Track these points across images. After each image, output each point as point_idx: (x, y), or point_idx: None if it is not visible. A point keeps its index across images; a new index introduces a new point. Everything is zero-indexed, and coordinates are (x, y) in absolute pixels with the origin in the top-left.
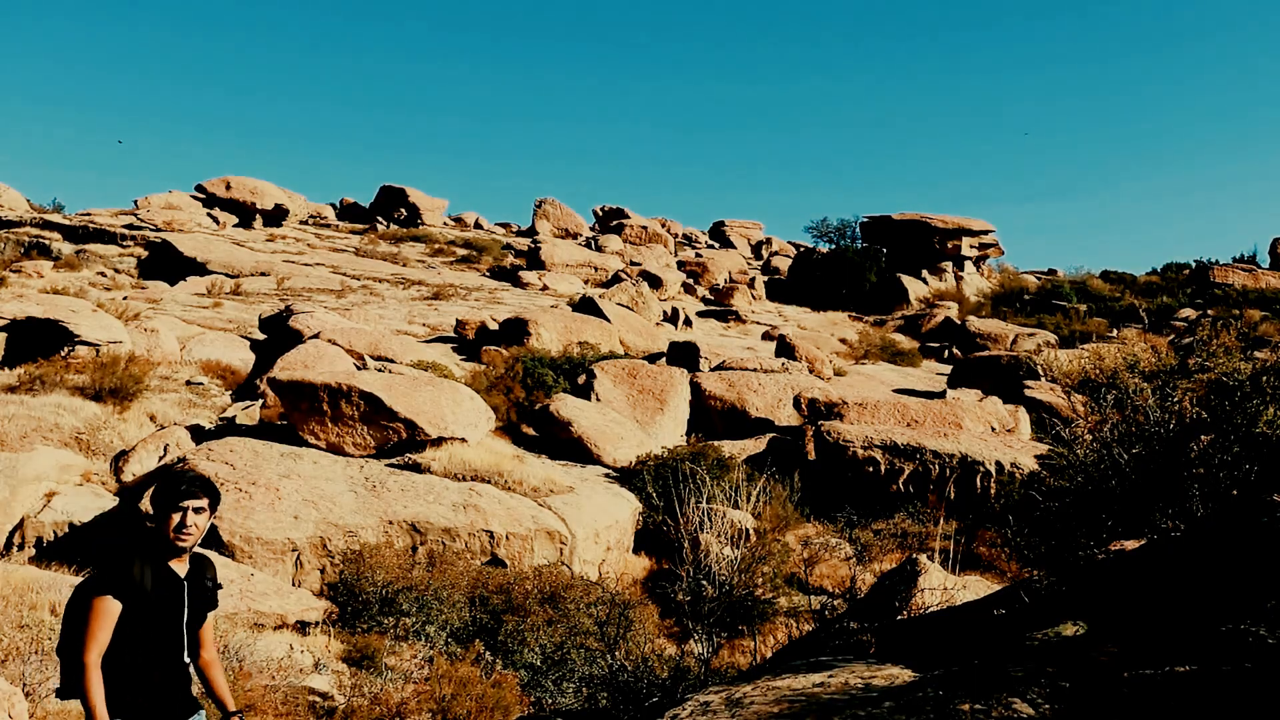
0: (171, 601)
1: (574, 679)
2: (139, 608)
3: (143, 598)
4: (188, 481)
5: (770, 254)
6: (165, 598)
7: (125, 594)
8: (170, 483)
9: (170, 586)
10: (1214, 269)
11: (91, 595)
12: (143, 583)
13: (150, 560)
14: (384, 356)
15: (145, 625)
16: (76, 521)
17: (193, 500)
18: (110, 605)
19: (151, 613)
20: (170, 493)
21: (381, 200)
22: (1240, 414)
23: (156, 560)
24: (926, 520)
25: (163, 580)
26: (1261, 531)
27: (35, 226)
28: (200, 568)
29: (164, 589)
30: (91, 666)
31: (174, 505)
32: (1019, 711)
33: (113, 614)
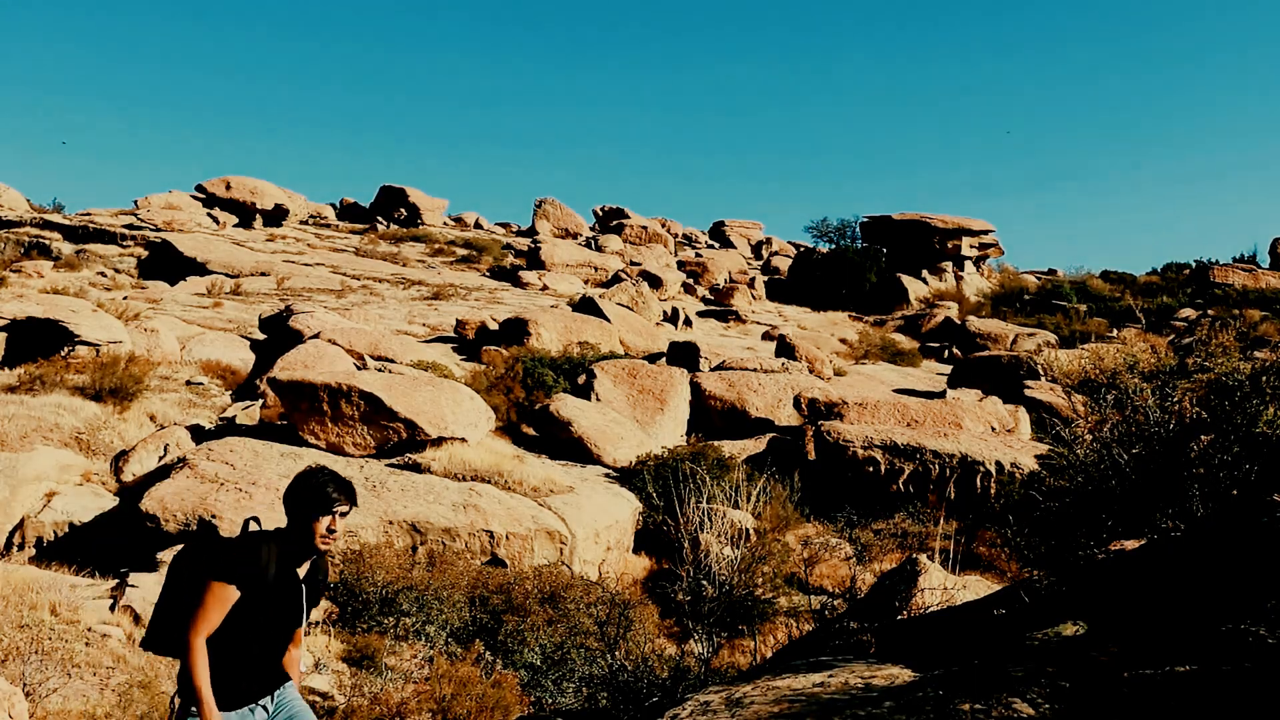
0: (288, 601)
1: (574, 679)
2: (256, 601)
3: (262, 593)
4: (339, 485)
5: (770, 254)
6: (283, 597)
7: (247, 585)
8: (318, 484)
9: (290, 587)
10: (1214, 269)
11: (212, 578)
12: (267, 578)
13: (280, 557)
14: (384, 356)
15: (256, 618)
16: (76, 521)
17: (342, 506)
18: (229, 593)
19: (266, 609)
20: (321, 496)
21: (381, 200)
22: (1240, 414)
23: (285, 558)
24: (926, 520)
25: (285, 579)
26: (1261, 531)
27: (35, 226)
28: (317, 567)
29: (284, 588)
30: (198, 649)
31: (326, 509)
32: (1019, 711)
33: (230, 601)
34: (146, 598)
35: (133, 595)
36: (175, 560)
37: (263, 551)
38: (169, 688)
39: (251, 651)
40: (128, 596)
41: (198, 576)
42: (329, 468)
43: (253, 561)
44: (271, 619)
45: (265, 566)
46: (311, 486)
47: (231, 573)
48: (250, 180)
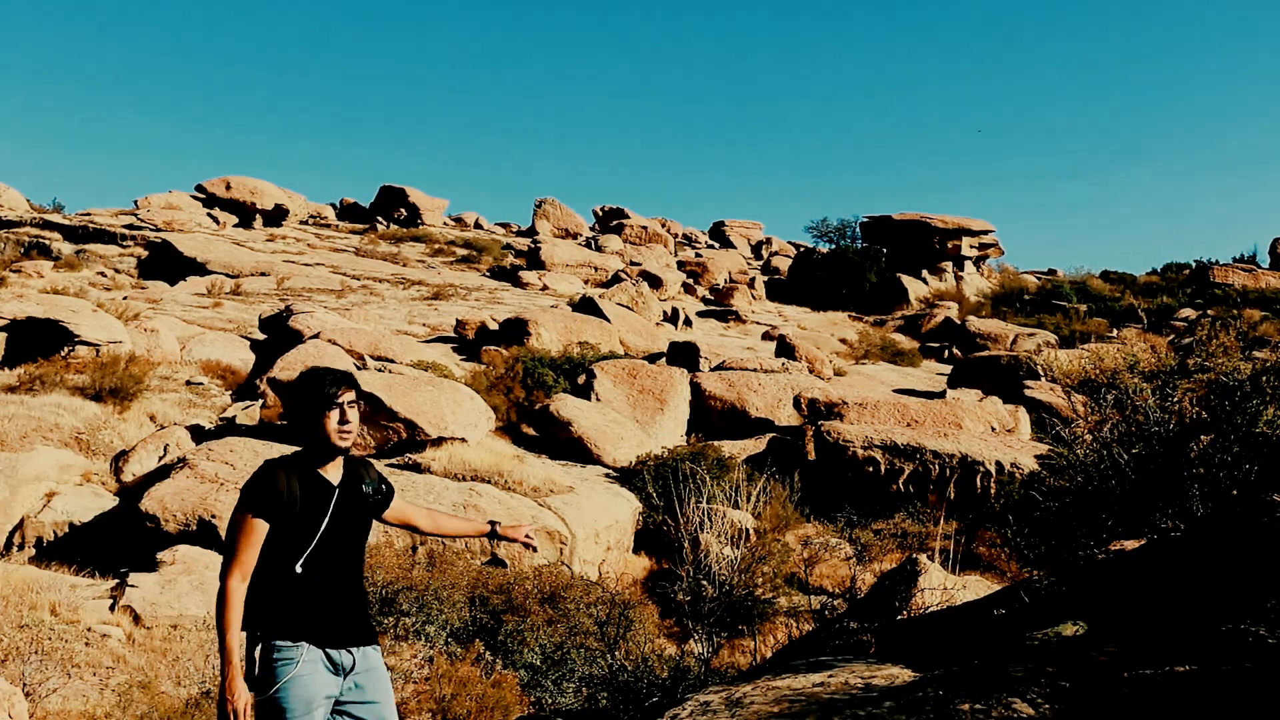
0: (334, 518)
1: (574, 679)
2: (293, 526)
3: (295, 516)
4: (335, 376)
5: (770, 254)
6: (318, 510)
7: (272, 513)
8: (313, 382)
9: (322, 496)
10: (1214, 269)
11: (235, 513)
12: (289, 496)
13: (298, 470)
14: (384, 356)
15: (302, 543)
16: (76, 521)
17: (346, 394)
18: (254, 526)
19: (309, 531)
20: (320, 391)
21: (381, 200)
22: (1240, 414)
23: (305, 469)
24: (926, 520)
25: (313, 490)
26: (1261, 531)
27: (35, 226)
28: (356, 471)
29: (319, 505)
30: (231, 590)
31: (330, 402)
32: (1019, 711)
33: (257, 534)
34: (146, 598)
35: (133, 595)
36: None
37: (278, 475)
38: (169, 688)
39: (332, 581)
40: (128, 596)
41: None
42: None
43: (268, 486)
44: (322, 541)
45: (285, 489)
46: (307, 388)
47: (249, 503)
48: (250, 180)
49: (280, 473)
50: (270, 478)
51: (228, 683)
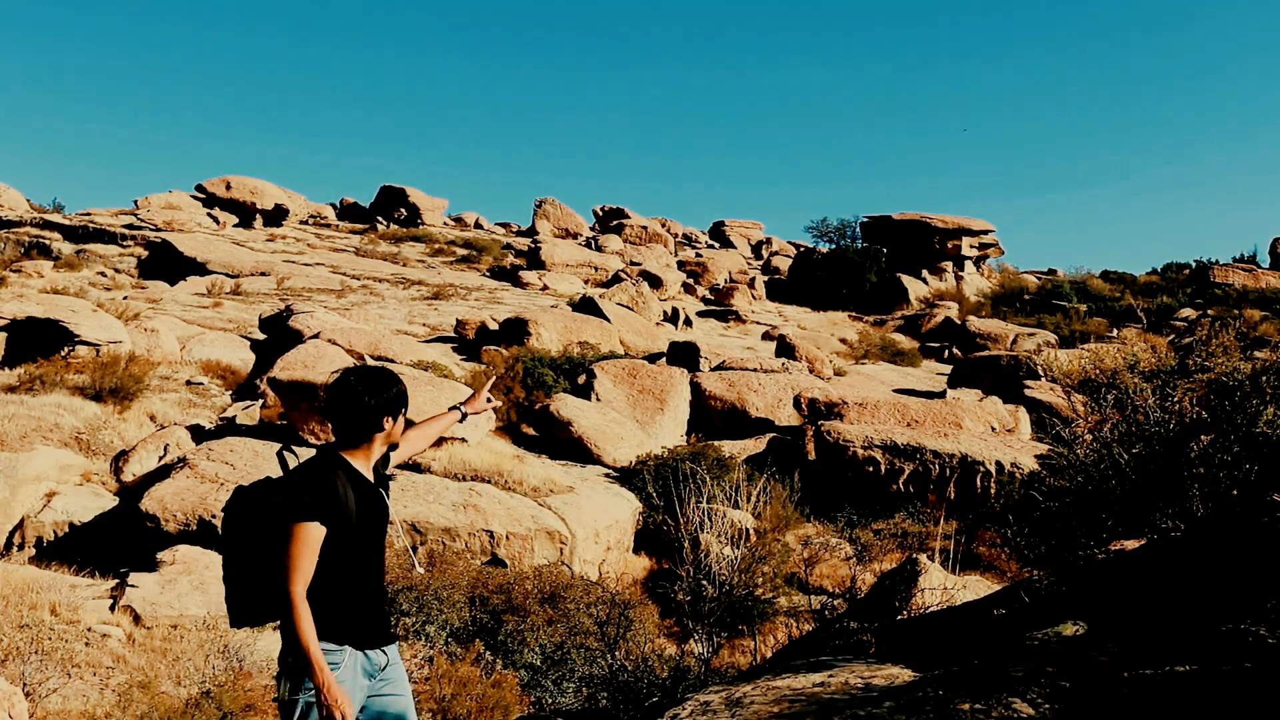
0: (375, 515)
1: (574, 679)
2: (344, 530)
3: (347, 518)
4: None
5: (770, 254)
6: (370, 513)
7: (333, 518)
8: (387, 381)
9: (372, 499)
10: (1214, 269)
11: (293, 520)
12: (347, 502)
13: (345, 471)
14: (384, 356)
15: (351, 547)
16: (76, 521)
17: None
18: (316, 533)
19: (356, 532)
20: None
21: (381, 200)
22: (1240, 414)
23: (350, 470)
24: (926, 520)
25: (364, 494)
26: (1261, 531)
27: (35, 226)
28: (380, 476)
29: (367, 504)
30: (299, 600)
31: (402, 404)
32: (1019, 711)
33: (318, 542)
34: (146, 597)
35: (133, 595)
36: (232, 516)
37: (337, 479)
38: (169, 687)
39: (368, 583)
40: (128, 596)
41: (275, 523)
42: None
43: (331, 491)
44: (366, 545)
45: (343, 493)
46: (380, 388)
47: (314, 509)
48: (250, 180)
49: (338, 475)
50: (331, 482)
51: (327, 689)
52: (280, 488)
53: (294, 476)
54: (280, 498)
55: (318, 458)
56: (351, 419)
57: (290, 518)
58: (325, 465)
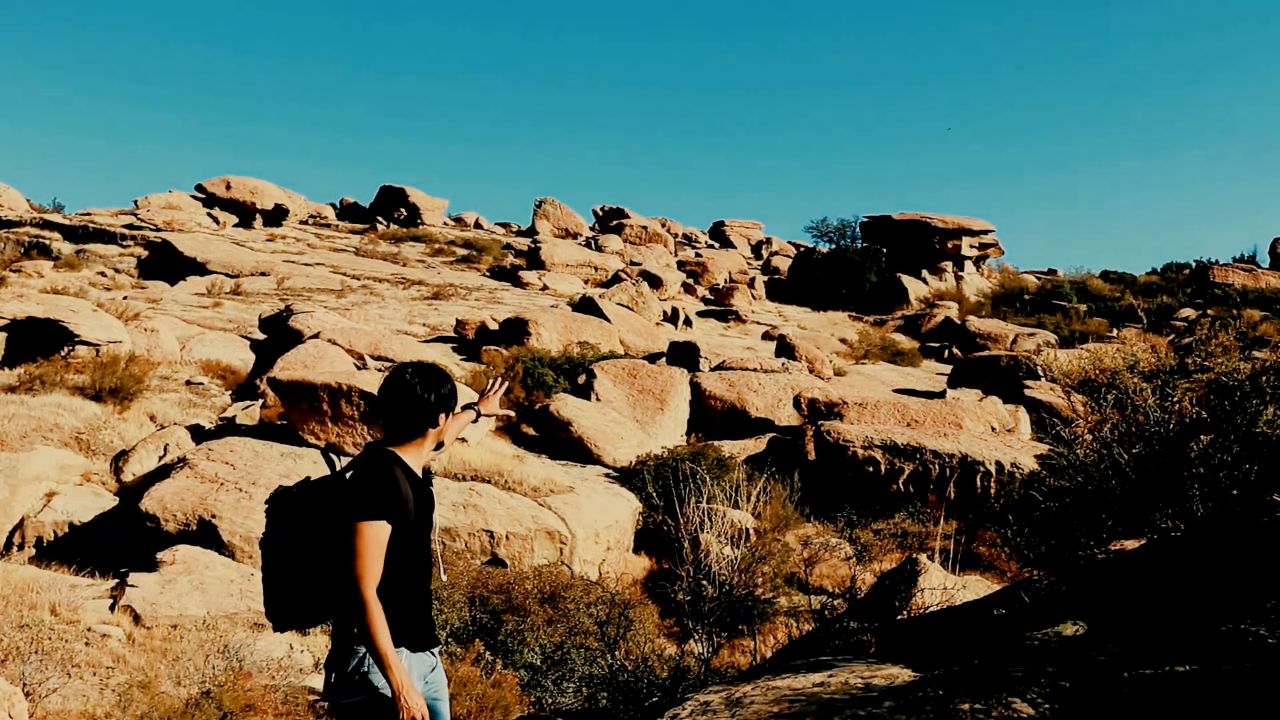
0: (427, 514)
1: (574, 679)
2: (404, 528)
3: (408, 516)
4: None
5: (770, 254)
6: (424, 511)
7: (395, 513)
8: (440, 378)
9: (425, 497)
10: (1214, 269)
11: (359, 518)
12: (406, 498)
13: (402, 467)
14: (384, 356)
15: (410, 546)
16: (76, 521)
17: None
18: (383, 531)
19: (414, 530)
20: (450, 389)
21: (381, 200)
22: (1240, 414)
23: (405, 467)
24: (926, 520)
25: (419, 492)
26: (1261, 531)
27: (35, 226)
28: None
29: (422, 501)
30: (373, 601)
31: (455, 400)
32: (1019, 711)
33: (385, 541)
34: (146, 597)
35: (133, 595)
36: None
37: (398, 475)
38: (169, 687)
39: (422, 584)
40: (128, 596)
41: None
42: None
43: (395, 487)
44: (421, 545)
45: (405, 490)
46: (433, 384)
47: (381, 507)
48: (250, 180)
49: (398, 471)
50: (394, 478)
51: (405, 693)
52: (329, 487)
53: (354, 474)
54: (339, 496)
55: (374, 455)
56: (408, 414)
57: (356, 516)
58: (385, 462)
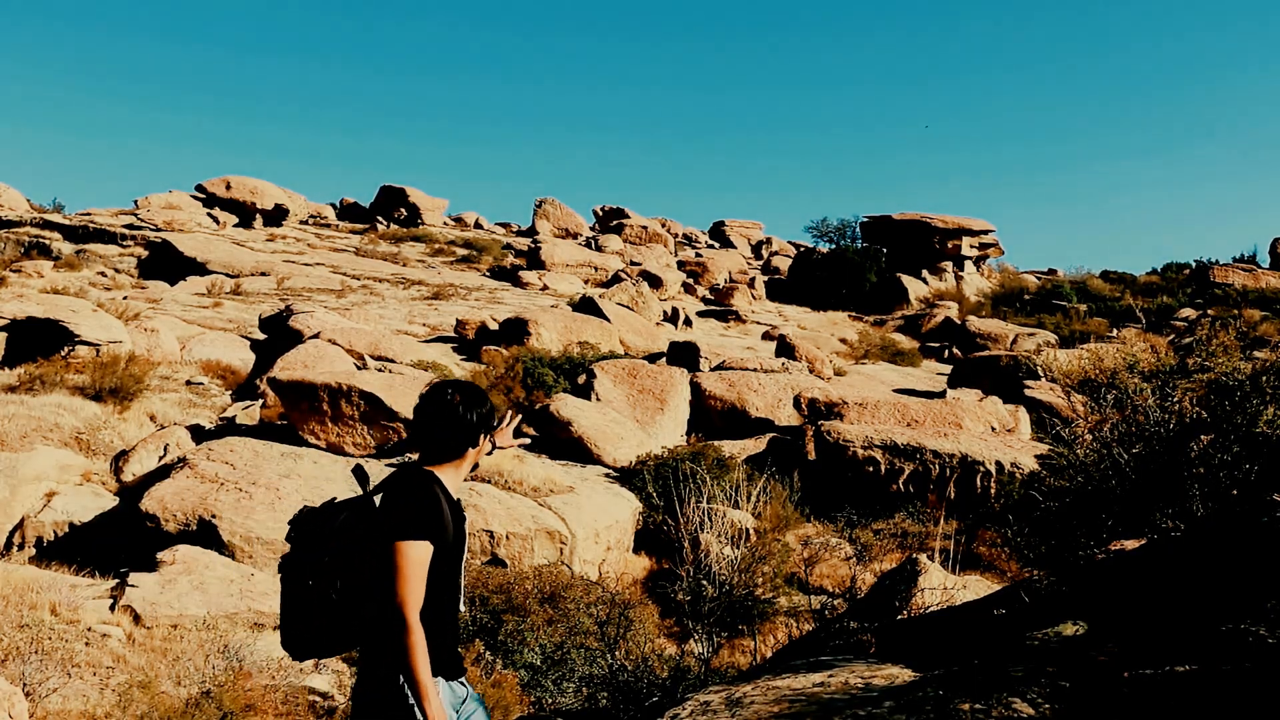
0: (463, 535)
1: (574, 679)
2: (443, 551)
3: (446, 537)
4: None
5: (770, 254)
6: (460, 533)
7: (438, 535)
8: (481, 398)
9: (461, 519)
10: (1214, 269)
11: (400, 538)
12: (447, 520)
13: (441, 489)
14: (384, 356)
15: (447, 570)
16: (76, 521)
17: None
18: (426, 552)
19: (451, 553)
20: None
21: (381, 200)
22: (1240, 414)
23: (445, 489)
24: (926, 520)
25: (456, 514)
26: (1261, 531)
27: (35, 226)
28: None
29: (459, 523)
30: (417, 625)
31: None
32: (1019, 711)
33: (428, 562)
34: (146, 597)
35: (133, 595)
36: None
37: (440, 496)
38: (169, 687)
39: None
40: (128, 596)
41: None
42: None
43: (438, 508)
44: (456, 570)
45: (446, 511)
46: (475, 405)
47: (423, 527)
48: (250, 180)
49: (438, 491)
50: (437, 498)
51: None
52: (358, 506)
53: (394, 493)
54: (374, 516)
55: (413, 474)
56: (449, 434)
57: (399, 535)
58: (425, 481)
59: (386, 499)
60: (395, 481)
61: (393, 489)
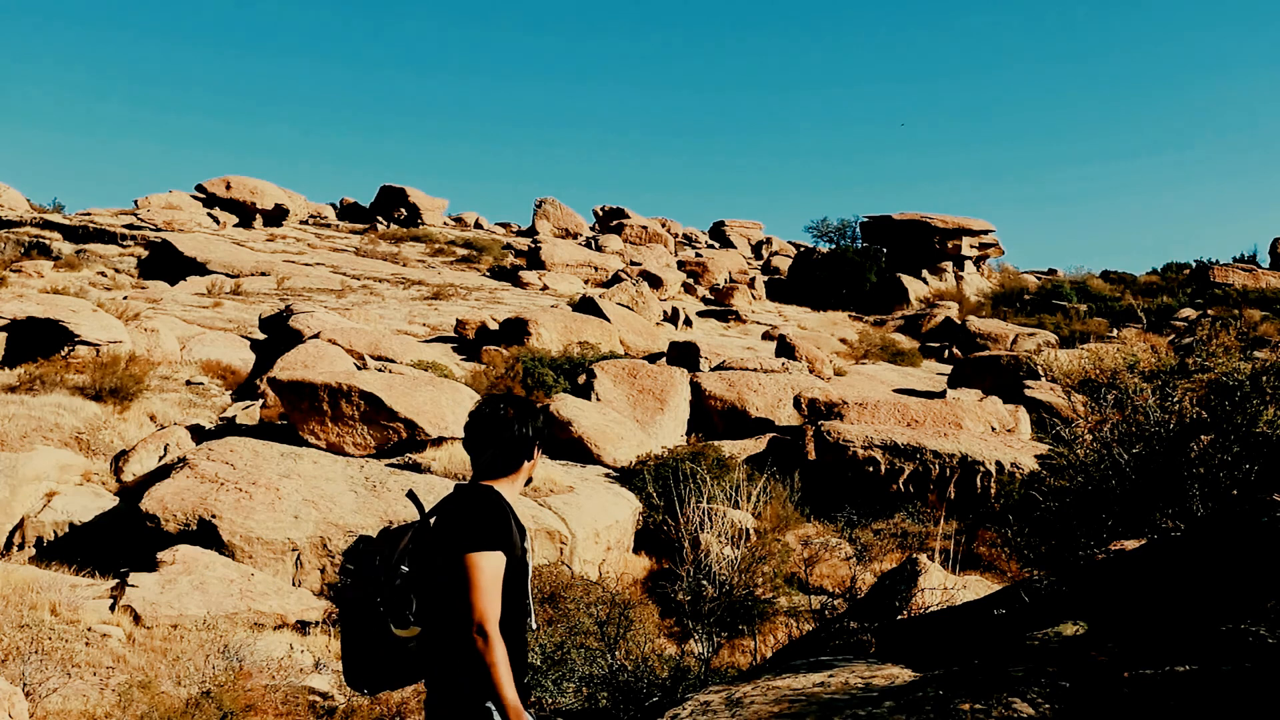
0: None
1: (574, 679)
2: (514, 563)
3: (515, 548)
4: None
5: (770, 254)
6: (525, 549)
7: (511, 548)
8: (535, 410)
9: (523, 532)
10: (1214, 269)
11: (474, 550)
12: (515, 530)
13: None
14: (384, 356)
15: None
16: (76, 521)
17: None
18: (500, 562)
19: (520, 566)
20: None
21: (381, 200)
22: (1240, 414)
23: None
24: (926, 520)
25: (521, 529)
26: (1261, 531)
27: (35, 226)
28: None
29: (522, 536)
30: (499, 639)
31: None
32: (1019, 711)
33: (501, 573)
34: (146, 597)
35: (133, 595)
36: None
37: (507, 507)
38: (169, 687)
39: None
40: (128, 596)
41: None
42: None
43: (511, 520)
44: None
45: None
46: (533, 413)
47: (500, 538)
48: (250, 180)
49: (505, 504)
50: (506, 510)
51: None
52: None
53: (460, 508)
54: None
55: (476, 489)
56: (504, 449)
57: (470, 547)
58: (491, 494)
59: (452, 515)
60: (458, 499)
61: (457, 506)
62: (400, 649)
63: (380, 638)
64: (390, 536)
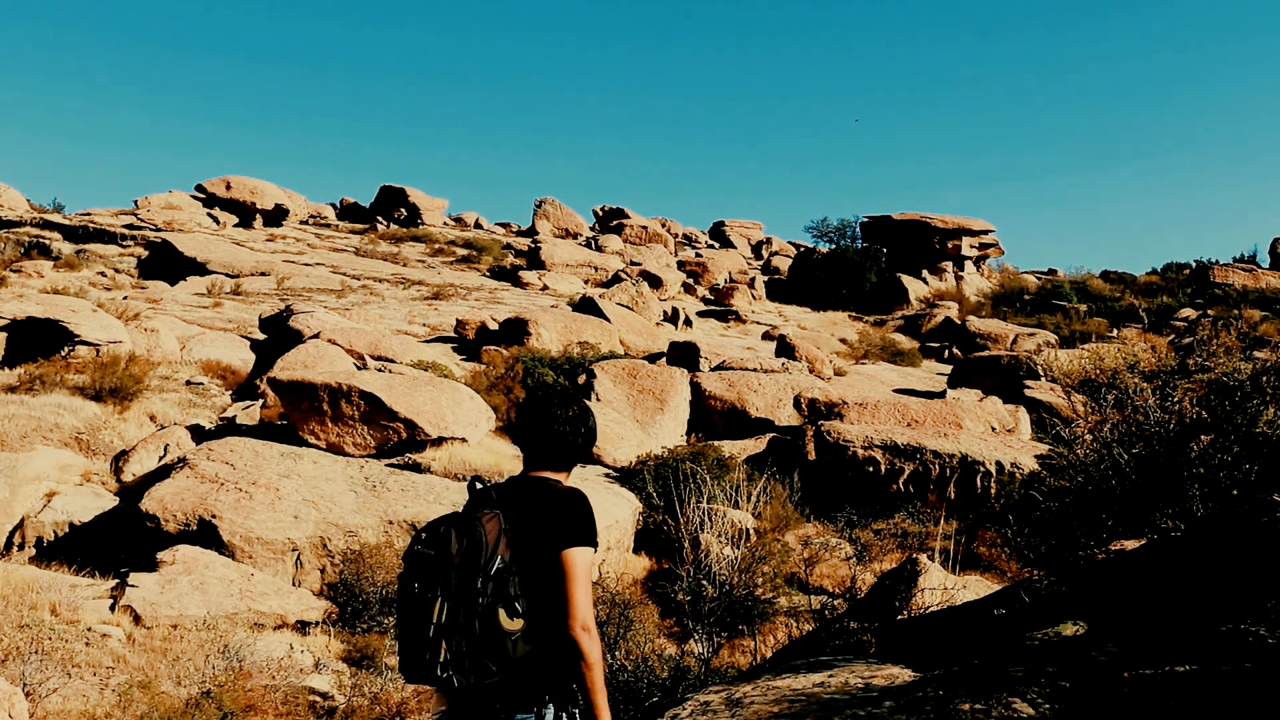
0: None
1: None
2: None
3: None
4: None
5: (770, 254)
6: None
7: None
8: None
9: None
10: (1214, 269)
11: (575, 545)
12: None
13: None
14: (384, 356)
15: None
16: (76, 521)
17: None
18: (593, 558)
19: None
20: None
21: (381, 200)
22: (1240, 414)
23: None
24: (926, 520)
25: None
26: (1261, 531)
27: (35, 226)
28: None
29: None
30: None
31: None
32: (1019, 711)
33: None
34: (146, 598)
35: (133, 595)
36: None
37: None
38: (169, 687)
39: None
40: (128, 596)
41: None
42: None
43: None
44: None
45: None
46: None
47: (590, 533)
48: (250, 180)
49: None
50: (590, 505)
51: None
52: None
53: (559, 503)
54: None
55: (560, 485)
56: (561, 449)
57: (569, 543)
58: (580, 492)
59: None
60: (542, 494)
61: (545, 500)
62: (504, 641)
63: (487, 629)
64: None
